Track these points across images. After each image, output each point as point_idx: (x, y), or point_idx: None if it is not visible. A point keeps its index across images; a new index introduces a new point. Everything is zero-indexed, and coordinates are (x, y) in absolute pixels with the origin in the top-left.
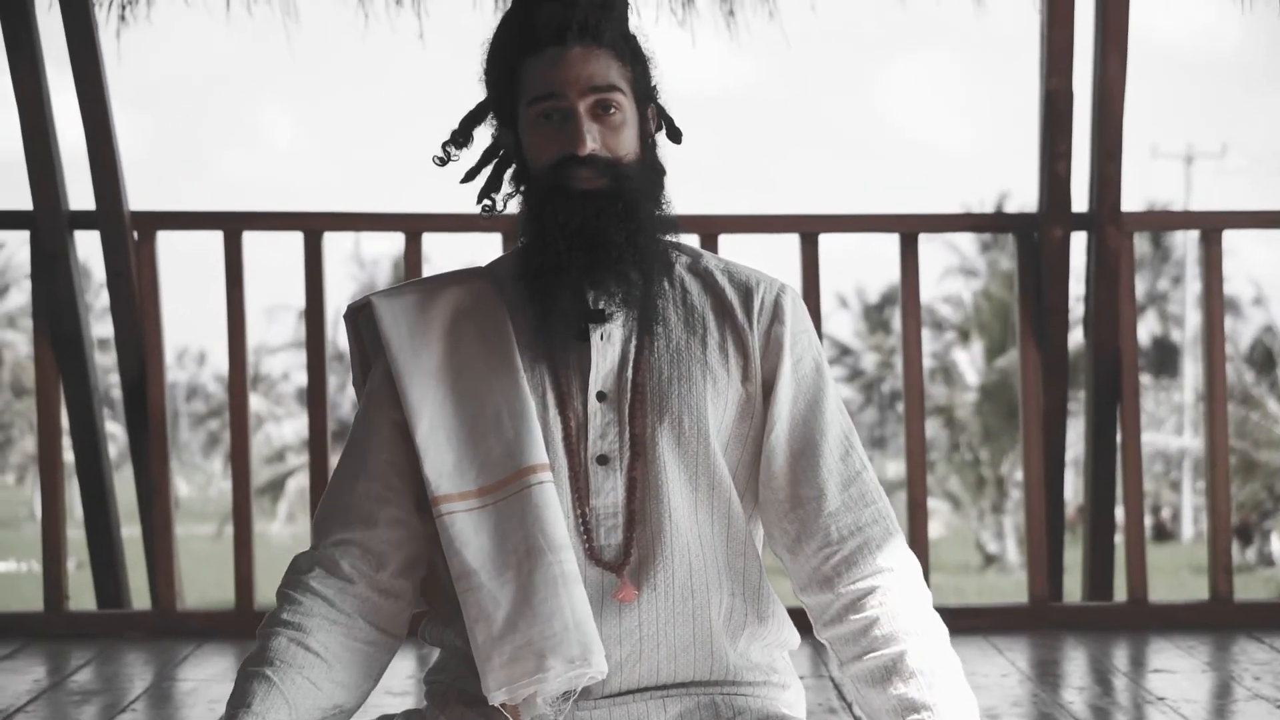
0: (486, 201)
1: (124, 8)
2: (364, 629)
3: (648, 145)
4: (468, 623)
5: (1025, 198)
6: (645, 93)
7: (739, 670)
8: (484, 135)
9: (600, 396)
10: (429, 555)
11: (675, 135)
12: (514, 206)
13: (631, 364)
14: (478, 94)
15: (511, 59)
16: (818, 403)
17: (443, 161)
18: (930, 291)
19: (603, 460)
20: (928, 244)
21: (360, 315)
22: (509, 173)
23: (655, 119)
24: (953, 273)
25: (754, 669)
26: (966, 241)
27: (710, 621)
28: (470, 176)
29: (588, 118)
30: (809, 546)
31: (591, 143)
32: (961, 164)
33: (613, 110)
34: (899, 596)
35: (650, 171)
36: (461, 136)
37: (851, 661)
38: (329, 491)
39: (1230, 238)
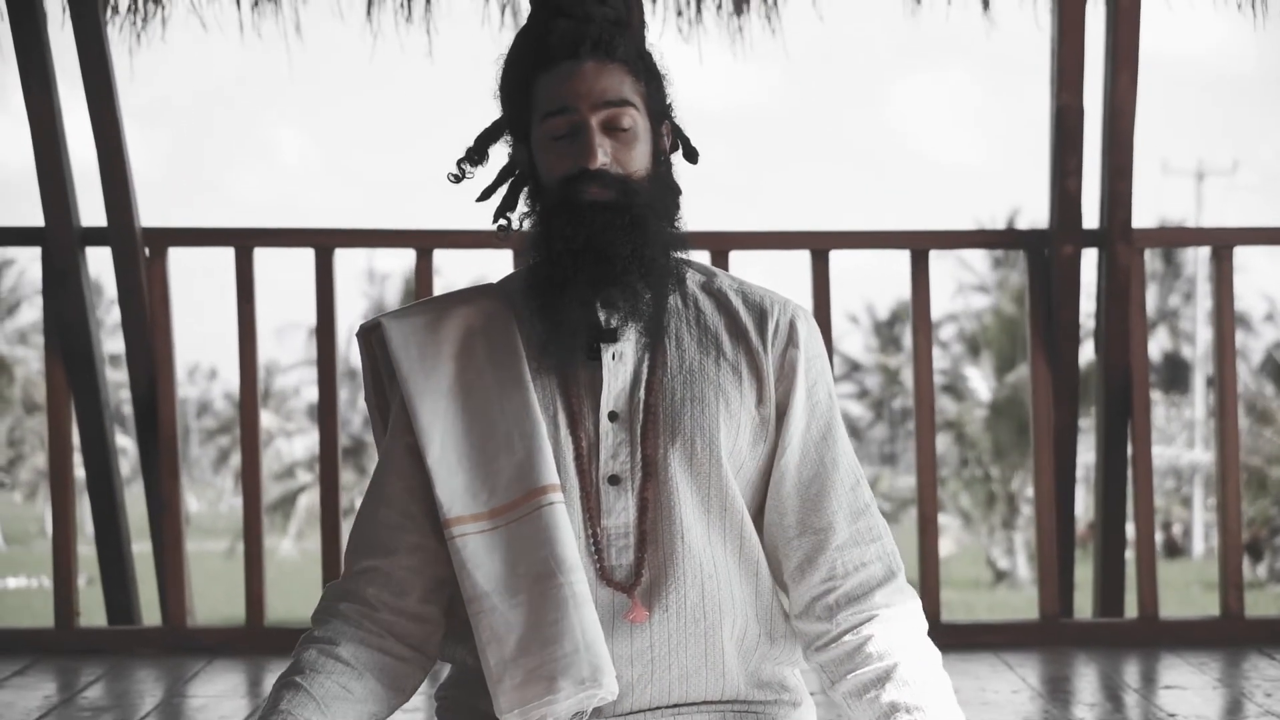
0: (502, 221)
1: (137, 25)
2: (394, 645)
3: (660, 162)
4: (480, 645)
5: (1037, 214)
6: (659, 110)
7: (750, 689)
8: (499, 153)
9: (612, 416)
10: (453, 576)
11: (691, 155)
12: (528, 223)
13: (644, 384)
14: (488, 110)
15: (526, 74)
16: (830, 431)
17: (458, 179)
18: (944, 307)
19: (614, 480)
20: (941, 261)
21: (373, 335)
22: (524, 191)
23: (670, 137)
24: (966, 289)
25: (765, 688)
26: (979, 258)
27: (722, 642)
28: (486, 195)
29: (599, 132)
30: (813, 576)
31: (603, 157)
32: (973, 180)
33: (625, 125)
34: (896, 625)
35: (662, 188)
36: (477, 154)
37: (841, 679)
38: (356, 521)
39: (1241, 254)
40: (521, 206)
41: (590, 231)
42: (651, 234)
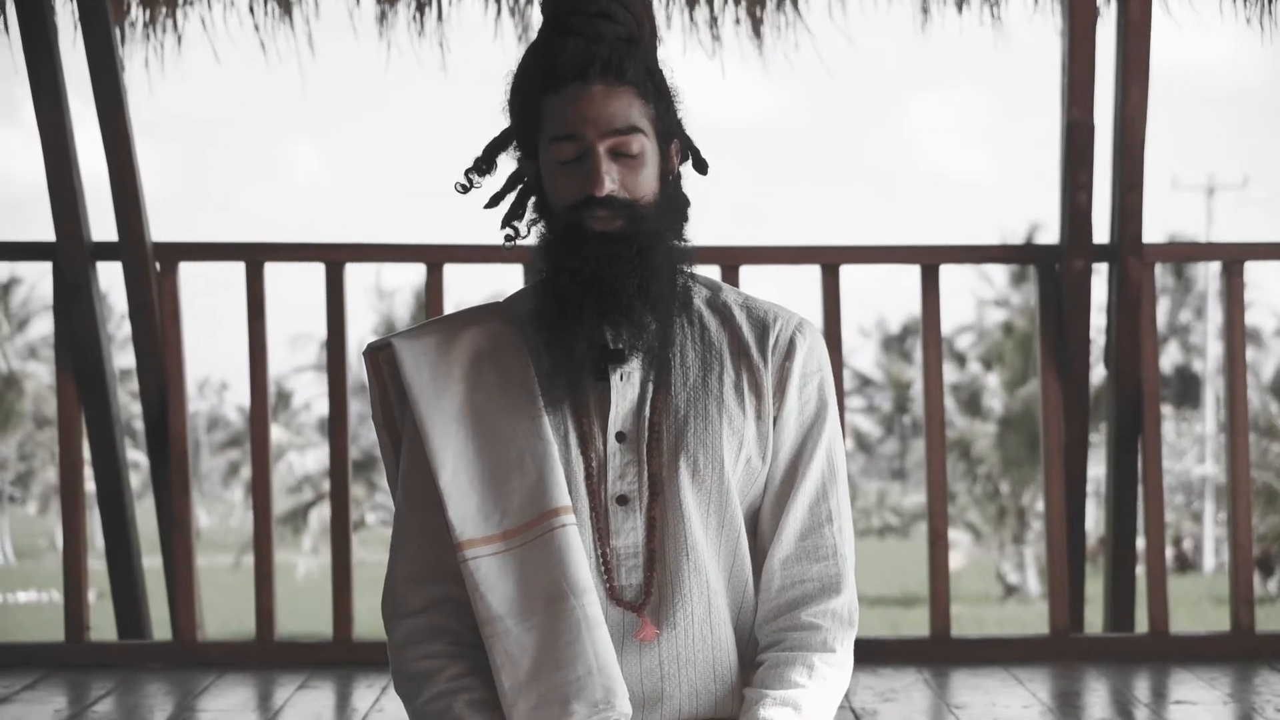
0: (509, 230)
1: (152, 41)
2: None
3: (669, 182)
4: (494, 667)
5: (1054, 229)
6: (668, 130)
7: None
8: (506, 163)
9: (620, 437)
10: None
11: (701, 166)
12: (535, 234)
13: (649, 403)
14: (500, 124)
15: (535, 94)
16: (808, 446)
17: (465, 189)
18: (963, 321)
19: (622, 500)
20: (961, 276)
21: (381, 354)
22: (531, 201)
23: (679, 154)
24: (984, 304)
25: None
26: (999, 273)
27: (729, 657)
28: (494, 202)
29: (607, 158)
30: (763, 589)
31: (610, 184)
32: (987, 196)
33: (633, 151)
34: (806, 653)
35: (670, 208)
36: (485, 164)
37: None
38: (398, 559)
39: (1252, 269)
40: (529, 215)
41: (596, 265)
42: (658, 265)
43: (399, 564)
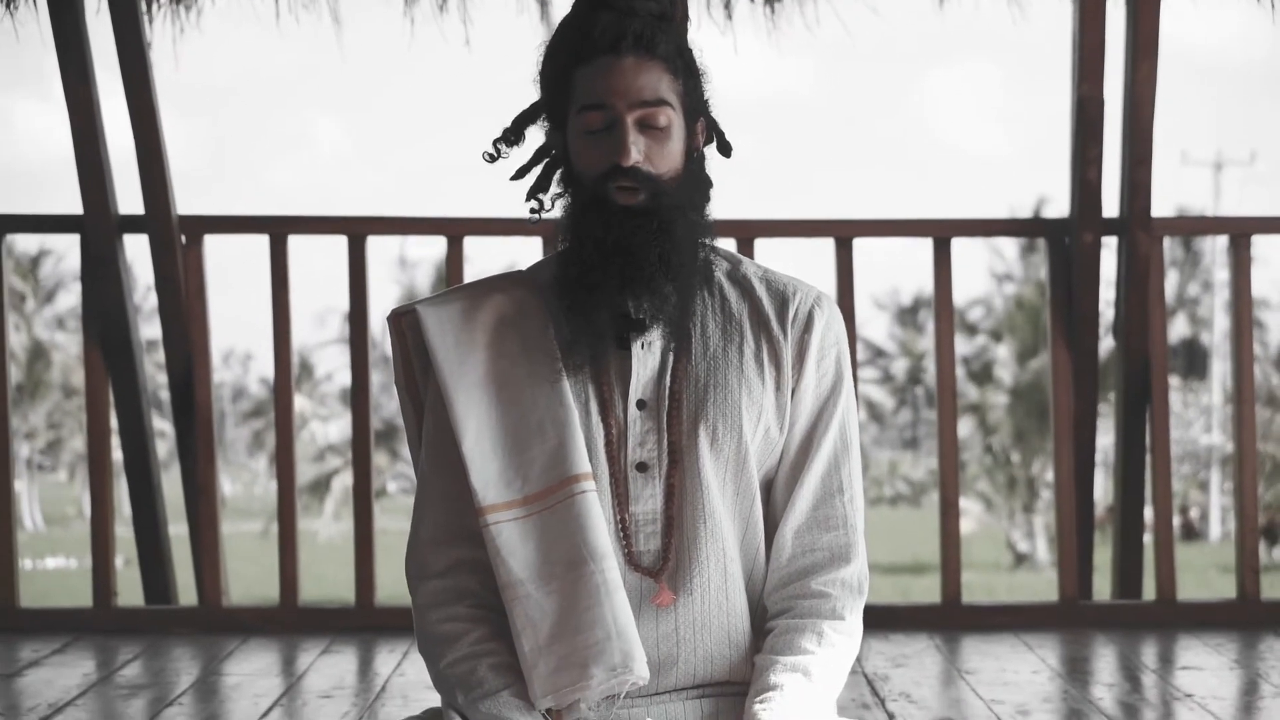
0: (533, 203)
1: (179, 14)
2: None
3: (693, 159)
4: (514, 631)
5: (1063, 203)
6: (695, 107)
7: None
8: (534, 137)
9: (640, 405)
10: None
11: (725, 149)
12: (560, 206)
13: (670, 372)
14: (523, 99)
15: (566, 64)
16: (824, 418)
17: (493, 158)
18: (976, 293)
19: (642, 467)
20: (974, 249)
21: (404, 320)
22: (558, 174)
23: (704, 133)
24: (996, 277)
25: None
26: (1010, 246)
27: (742, 622)
28: (520, 174)
29: (634, 129)
30: (774, 556)
31: (636, 154)
32: (1000, 169)
33: (660, 124)
34: (816, 620)
35: (692, 185)
36: (513, 135)
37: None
38: (422, 523)
39: (1259, 243)
40: (554, 188)
41: (620, 235)
42: (679, 238)
43: (422, 527)
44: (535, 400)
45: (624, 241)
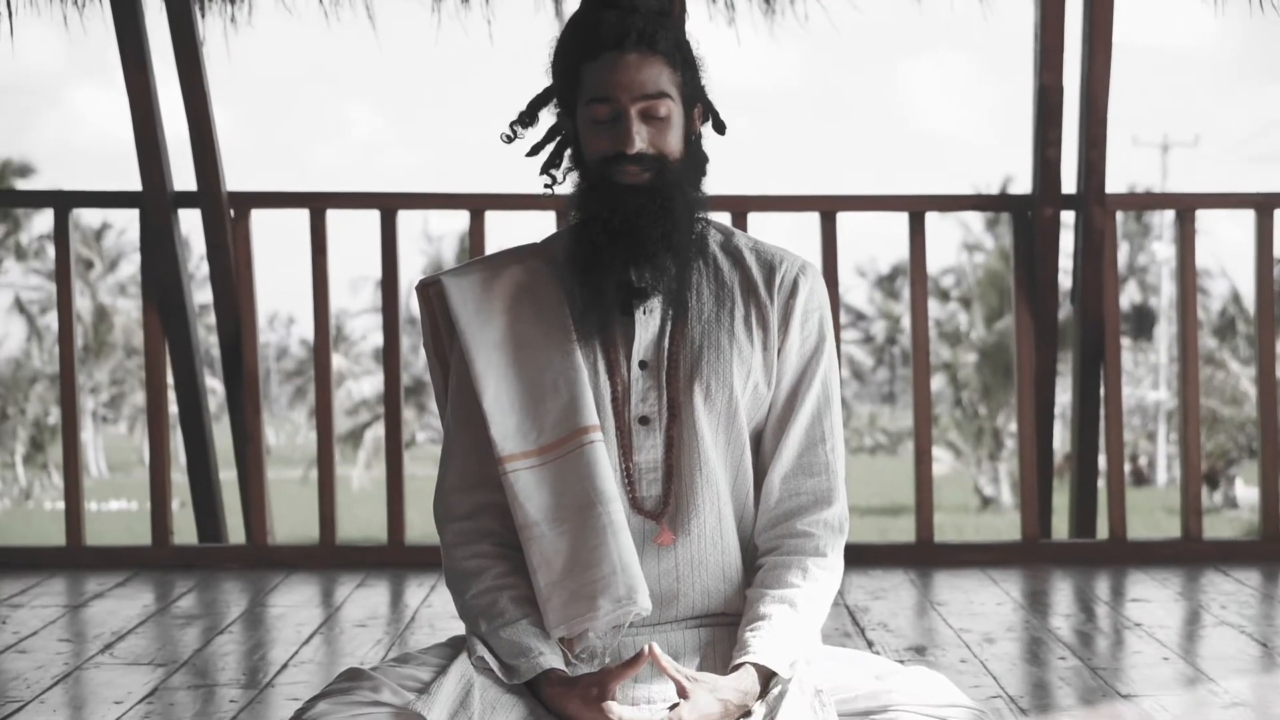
0: (546, 178)
1: (230, 11)
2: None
3: (691, 142)
4: (531, 568)
5: (1026, 181)
6: (692, 95)
7: None
8: (547, 117)
9: (642, 365)
10: None
11: (720, 127)
12: (571, 182)
13: (669, 335)
14: (538, 87)
15: (575, 59)
16: (808, 374)
17: (510, 139)
18: (947, 262)
19: (644, 421)
20: (944, 223)
21: (431, 290)
22: (568, 152)
23: (700, 116)
24: (965, 248)
25: None
26: (977, 220)
27: (735, 560)
28: (535, 151)
29: (637, 120)
30: (763, 500)
31: (640, 143)
32: (970, 150)
33: (661, 114)
34: (801, 557)
35: (691, 165)
36: (527, 117)
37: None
38: (448, 470)
39: (1202, 217)
40: (566, 164)
41: (625, 215)
42: (679, 216)
43: (448, 474)
44: (549, 361)
45: (629, 221)
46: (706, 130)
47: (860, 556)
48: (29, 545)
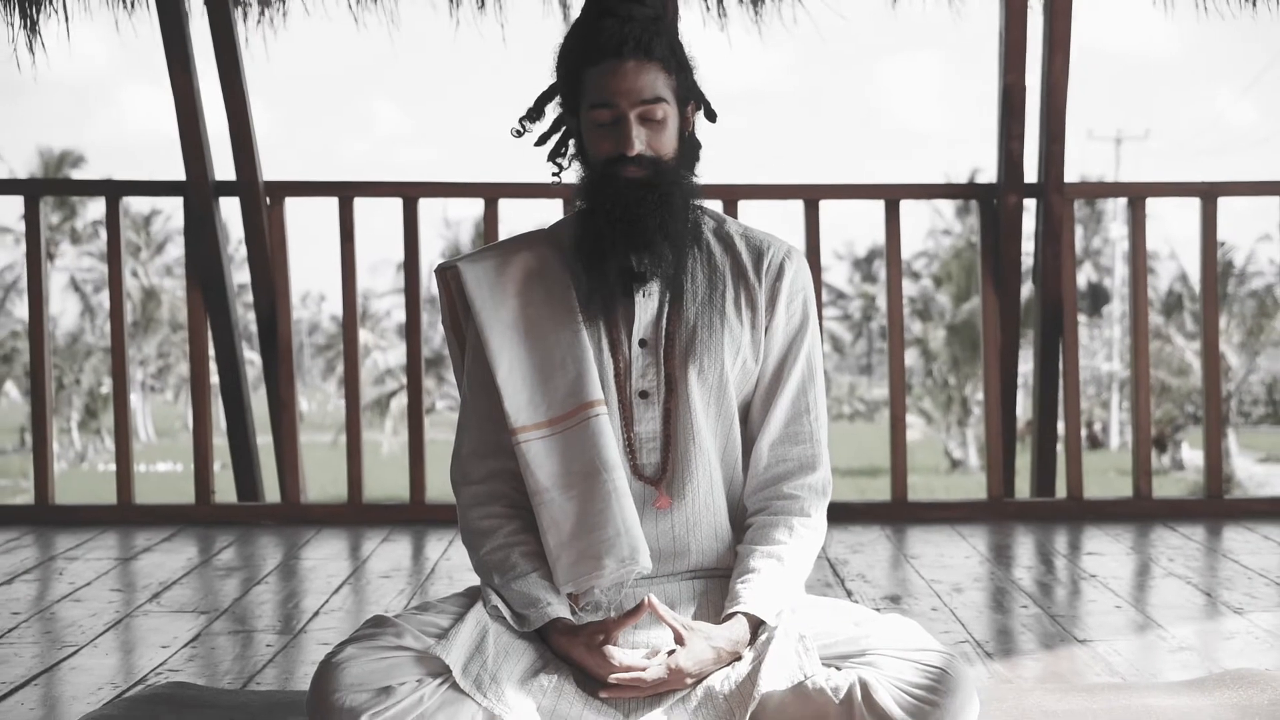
0: (553, 165)
1: (266, 16)
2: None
3: (685, 138)
4: (541, 530)
5: (992, 172)
6: (686, 95)
7: None
8: (553, 111)
9: (642, 343)
10: None
11: (711, 116)
12: (575, 169)
13: (666, 316)
14: (549, 82)
15: (577, 66)
16: (793, 351)
17: (519, 134)
18: (920, 246)
19: (644, 395)
20: (916, 209)
21: (448, 273)
22: (572, 143)
23: (694, 111)
24: (936, 233)
25: None
26: (948, 208)
27: (725, 521)
28: (542, 141)
29: (636, 123)
30: (751, 465)
31: (639, 145)
32: (941, 143)
33: (658, 117)
34: (787, 517)
35: (687, 157)
36: (535, 113)
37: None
38: (464, 438)
39: (1152, 204)
40: (570, 151)
41: (626, 205)
42: (676, 206)
43: (464, 442)
44: (557, 340)
45: (629, 212)
46: (699, 119)
47: (840, 514)
48: (83, 504)
